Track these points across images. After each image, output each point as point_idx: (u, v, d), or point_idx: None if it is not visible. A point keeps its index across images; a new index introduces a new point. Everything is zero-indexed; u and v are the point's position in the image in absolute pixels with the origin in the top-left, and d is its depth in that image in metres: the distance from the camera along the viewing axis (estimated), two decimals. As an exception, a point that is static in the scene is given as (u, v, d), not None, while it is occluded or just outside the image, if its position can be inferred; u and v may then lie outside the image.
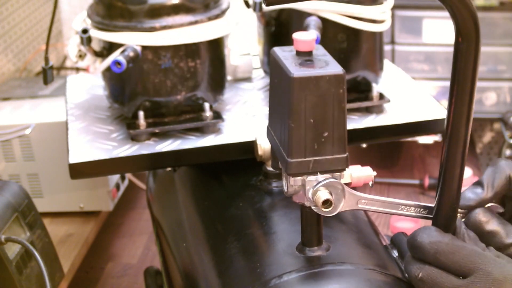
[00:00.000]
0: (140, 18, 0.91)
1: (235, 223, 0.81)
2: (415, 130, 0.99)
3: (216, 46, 0.96)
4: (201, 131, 0.94)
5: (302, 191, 0.66)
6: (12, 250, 0.92)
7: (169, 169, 1.00)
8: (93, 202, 1.28)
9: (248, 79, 1.10)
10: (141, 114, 0.93)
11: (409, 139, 1.74)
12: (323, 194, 0.64)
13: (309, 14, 0.94)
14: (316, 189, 0.65)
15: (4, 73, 1.51)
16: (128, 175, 1.41)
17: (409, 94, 1.03)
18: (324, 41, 0.90)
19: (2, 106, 1.30)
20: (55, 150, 1.22)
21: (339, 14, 0.94)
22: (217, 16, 0.94)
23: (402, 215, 0.69)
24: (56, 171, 1.24)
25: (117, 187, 1.32)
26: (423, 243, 0.63)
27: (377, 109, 0.98)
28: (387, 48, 1.73)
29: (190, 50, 0.92)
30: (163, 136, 0.94)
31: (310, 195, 0.65)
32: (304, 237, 0.69)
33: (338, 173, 0.66)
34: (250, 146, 0.85)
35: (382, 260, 0.70)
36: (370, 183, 0.69)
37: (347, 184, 0.68)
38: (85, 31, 0.91)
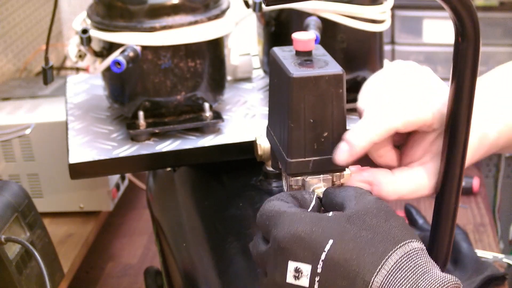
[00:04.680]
0: (140, 18, 0.91)
1: (235, 223, 0.81)
2: (415, 130, 0.99)
3: (216, 46, 0.96)
4: (201, 131, 0.94)
5: (302, 191, 0.66)
6: (12, 250, 0.92)
7: (169, 169, 1.00)
8: (93, 202, 1.28)
9: (248, 79, 1.10)
10: (141, 114, 0.93)
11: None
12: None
13: (309, 14, 0.94)
14: (314, 188, 0.65)
15: (4, 73, 1.51)
16: (128, 175, 1.41)
17: (409, 94, 1.03)
18: (324, 41, 0.90)
19: (2, 106, 1.30)
20: (55, 150, 1.21)
21: (339, 14, 0.94)
22: (217, 16, 0.94)
23: None
24: (56, 171, 1.23)
25: (117, 187, 1.32)
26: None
27: (377, 109, 0.98)
28: (387, 48, 1.72)
29: (190, 50, 0.92)
30: (163, 136, 0.94)
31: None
32: (304, 237, 0.69)
33: (338, 173, 0.66)
34: (250, 146, 0.84)
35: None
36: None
37: (347, 184, 0.68)
38: (85, 31, 0.92)
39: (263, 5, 0.86)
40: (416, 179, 0.66)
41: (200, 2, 0.93)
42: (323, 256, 0.57)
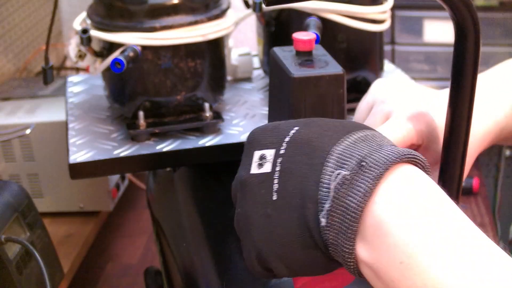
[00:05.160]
0: (140, 18, 0.91)
1: (235, 223, 0.81)
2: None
3: (216, 46, 0.96)
4: (201, 131, 0.94)
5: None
6: (12, 250, 0.92)
7: (169, 169, 1.00)
8: (93, 202, 1.28)
9: (248, 79, 1.10)
10: (141, 114, 0.93)
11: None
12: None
13: (309, 14, 0.94)
14: None
15: (4, 73, 1.51)
16: (128, 175, 1.41)
17: (409, 94, 1.03)
18: (324, 41, 0.90)
19: (2, 106, 1.30)
20: (55, 150, 1.22)
21: (339, 14, 0.94)
22: (217, 16, 0.94)
23: None
24: (56, 171, 1.24)
25: (117, 187, 1.32)
26: None
27: (377, 109, 0.98)
28: (387, 48, 1.72)
29: (190, 50, 0.92)
30: (163, 136, 0.94)
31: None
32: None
33: (338, 173, 0.66)
34: (250, 146, 0.85)
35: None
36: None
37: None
38: (85, 31, 0.92)
39: (263, 5, 0.86)
40: None
41: (200, 2, 0.93)
42: (287, 139, 0.57)
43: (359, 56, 0.98)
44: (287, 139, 0.56)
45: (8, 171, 1.25)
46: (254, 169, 0.57)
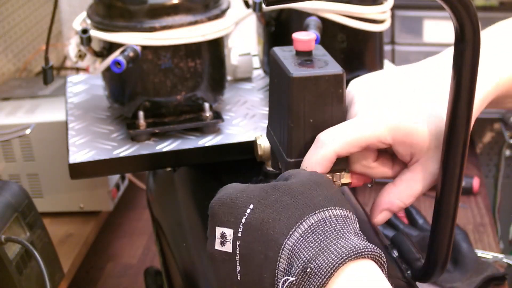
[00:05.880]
0: (140, 18, 0.91)
1: (235, 223, 0.81)
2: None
3: (216, 46, 0.96)
4: (201, 131, 0.94)
5: (302, 191, 0.66)
6: (12, 250, 0.92)
7: (169, 169, 1.00)
8: (93, 202, 1.28)
9: (248, 79, 1.10)
10: (141, 114, 0.93)
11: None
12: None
13: (309, 14, 0.94)
14: None
15: (4, 73, 1.51)
16: (128, 175, 1.41)
17: (409, 94, 1.03)
18: (324, 41, 0.90)
19: (2, 106, 1.30)
20: (55, 150, 1.21)
21: (339, 14, 0.94)
22: (217, 16, 0.94)
23: None
24: (56, 171, 1.24)
25: (117, 187, 1.32)
26: None
27: (377, 109, 0.98)
28: (387, 48, 1.72)
29: (190, 50, 0.92)
30: (163, 136, 0.94)
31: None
32: (304, 237, 0.69)
33: (337, 173, 0.66)
34: (250, 146, 0.85)
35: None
36: (369, 184, 0.70)
37: (347, 184, 0.68)
38: (85, 31, 0.92)
39: (263, 5, 0.86)
40: (418, 177, 0.66)
41: (200, 2, 0.93)
42: (243, 220, 0.58)
43: (359, 56, 0.98)
44: (243, 220, 0.58)
45: (8, 171, 1.25)
46: (218, 245, 0.60)
